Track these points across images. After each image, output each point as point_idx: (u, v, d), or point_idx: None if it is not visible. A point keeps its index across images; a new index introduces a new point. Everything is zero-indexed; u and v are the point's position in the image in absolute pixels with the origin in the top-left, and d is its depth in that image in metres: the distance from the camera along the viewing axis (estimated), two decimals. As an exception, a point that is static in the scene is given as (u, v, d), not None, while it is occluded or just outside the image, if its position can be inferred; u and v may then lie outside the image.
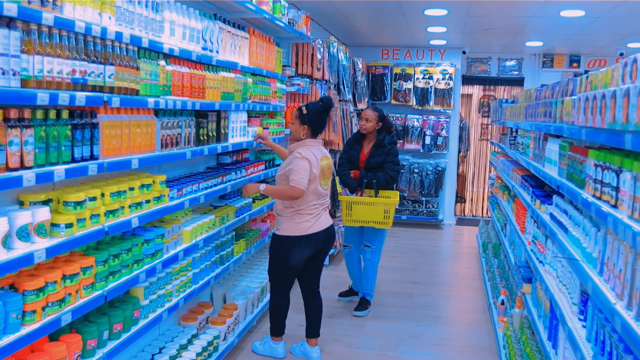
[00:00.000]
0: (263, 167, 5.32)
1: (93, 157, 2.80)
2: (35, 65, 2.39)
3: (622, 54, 9.81)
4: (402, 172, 10.02)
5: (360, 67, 9.37)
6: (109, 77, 2.87)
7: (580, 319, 2.78)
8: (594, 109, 2.52)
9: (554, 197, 3.69)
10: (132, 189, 3.16)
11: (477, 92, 12.83)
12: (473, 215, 11.90)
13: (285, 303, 4.54)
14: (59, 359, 2.64)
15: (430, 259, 8.14)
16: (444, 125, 10.38)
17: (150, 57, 3.28)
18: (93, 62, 2.75)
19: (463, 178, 11.92)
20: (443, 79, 10.30)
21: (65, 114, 2.64)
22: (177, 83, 3.58)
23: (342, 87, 8.12)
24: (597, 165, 2.58)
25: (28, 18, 2.34)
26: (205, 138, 4.08)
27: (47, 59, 2.45)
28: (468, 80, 11.18)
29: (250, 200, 5.03)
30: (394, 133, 5.82)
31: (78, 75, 2.64)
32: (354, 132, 7.40)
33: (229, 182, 4.53)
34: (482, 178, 12.63)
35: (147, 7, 3.21)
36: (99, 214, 2.85)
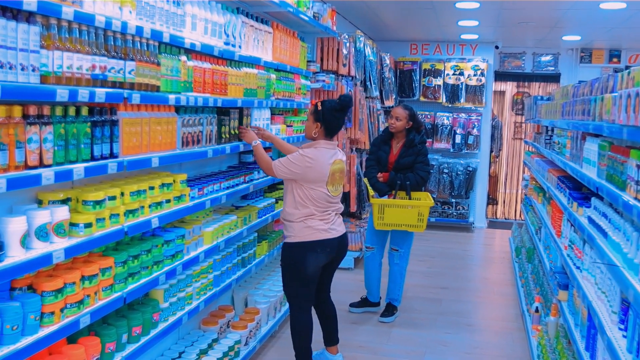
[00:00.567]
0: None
1: (113, 155, 2.83)
2: (55, 61, 2.43)
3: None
4: (431, 172, 9.96)
5: (388, 62, 9.34)
6: (129, 72, 2.89)
7: (621, 329, 2.74)
8: (637, 107, 2.47)
9: (593, 199, 3.64)
10: (152, 188, 3.19)
11: (510, 88, 12.72)
12: (505, 218, 11.81)
13: (309, 321, 4.16)
14: (77, 362, 2.68)
15: (460, 264, 8.08)
16: (475, 124, 10.30)
17: (171, 52, 3.31)
18: (113, 57, 2.78)
19: (495, 179, 11.83)
20: (474, 75, 10.21)
21: (85, 111, 2.67)
22: (198, 79, 3.60)
23: (368, 83, 8.10)
24: (639, 166, 2.54)
25: (48, 12, 2.37)
26: (227, 136, 4.10)
27: (66, 55, 2.48)
28: (501, 77, 11.09)
29: (273, 201, 5.04)
30: (424, 132, 5.77)
31: (98, 71, 2.67)
32: (381, 130, 7.39)
33: (251, 181, 4.55)
34: (515, 179, 12.52)
35: (168, 0, 3.24)
36: (119, 214, 2.88)
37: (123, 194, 2.96)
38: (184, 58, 3.43)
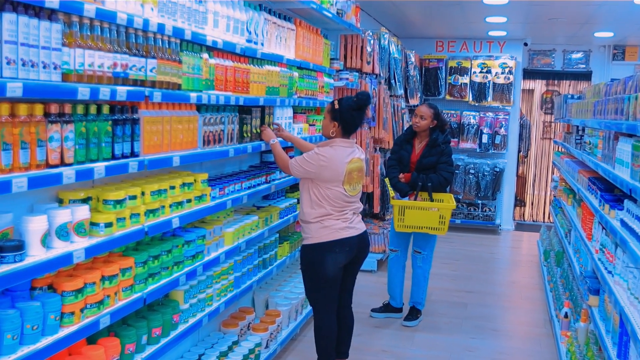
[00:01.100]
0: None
1: (133, 154, 2.86)
2: (77, 59, 2.46)
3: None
4: (456, 172, 9.92)
5: (413, 60, 9.31)
6: (151, 70, 2.92)
7: (655, 336, 2.70)
8: (673, 106, 2.44)
9: (625, 201, 3.60)
10: (172, 188, 3.22)
11: (539, 87, 12.59)
12: (533, 221, 11.71)
13: (333, 324, 4.12)
14: (97, 363, 2.71)
15: (487, 267, 8.03)
16: (503, 123, 10.22)
17: (193, 49, 3.33)
18: (134, 55, 2.81)
19: (523, 180, 11.74)
20: (502, 73, 10.14)
21: (106, 109, 2.70)
22: (220, 77, 3.62)
23: (393, 81, 8.08)
24: (675, 168, 2.50)
25: (69, 10, 2.40)
26: (249, 135, 4.12)
27: (88, 52, 2.51)
28: (530, 75, 11.00)
29: (295, 201, 5.05)
30: (448, 131, 5.73)
31: (119, 69, 2.70)
32: (405, 129, 7.36)
33: (273, 181, 4.56)
34: (543, 180, 12.40)
35: (190, -3, 3.26)
36: (139, 213, 2.91)
37: (144, 194, 2.98)
38: (206, 56, 3.45)
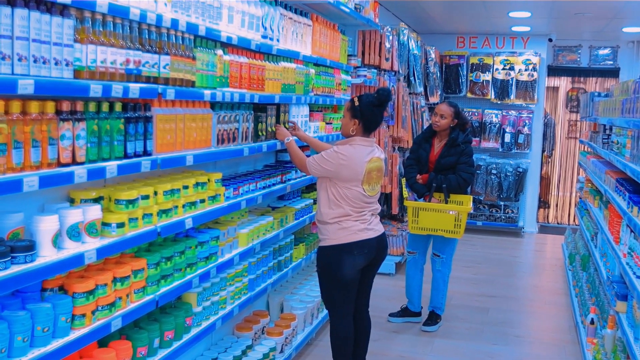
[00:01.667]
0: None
1: (146, 152, 2.87)
2: (89, 55, 2.47)
3: None
4: (478, 173, 9.87)
5: (433, 56, 9.27)
6: (164, 67, 2.93)
7: (686, 344, 2.66)
8: None
9: (655, 203, 3.56)
10: (186, 188, 3.22)
11: (564, 84, 12.50)
12: (558, 223, 11.63)
13: (350, 329, 4.10)
14: (108, 367, 2.72)
15: (509, 271, 7.98)
16: (526, 122, 10.15)
17: (207, 46, 3.34)
18: (147, 51, 2.82)
19: (547, 180, 11.65)
20: (526, 70, 10.08)
21: (118, 107, 2.71)
22: (234, 74, 3.63)
23: (412, 78, 8.06)
24: None
25: (82, 5, 2.41)
26: (264, 133, 4.12)
27: (100, 49, 2.52)
28: (554, 71, 10.92)
29: (311, 202, 5.05)
30: (469, 130, 5.68)
31: (132, 66, 2.71)
32: (425, 128, 7.33)
33: (289, 181, 4.56)
34: (569, 181, 12.31)
35: (204, -8, 3.27)
36: (152, 214, 2.91)
37: (156, 193, 2.99)
38: (220, 52, 3.46)
